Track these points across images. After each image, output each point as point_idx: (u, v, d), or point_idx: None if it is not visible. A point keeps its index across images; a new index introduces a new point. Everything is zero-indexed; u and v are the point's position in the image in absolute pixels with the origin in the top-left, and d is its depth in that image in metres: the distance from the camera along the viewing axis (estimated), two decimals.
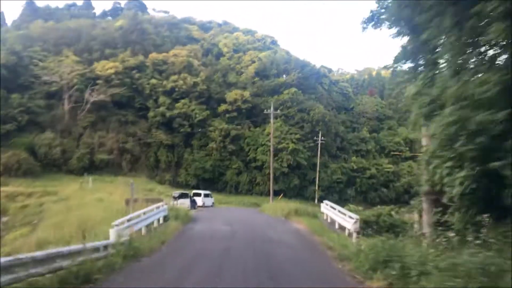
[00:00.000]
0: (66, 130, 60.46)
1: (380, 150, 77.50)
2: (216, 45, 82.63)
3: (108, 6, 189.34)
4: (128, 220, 14.65)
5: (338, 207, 20.33)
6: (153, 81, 67.68)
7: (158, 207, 19.93)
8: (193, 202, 41.62)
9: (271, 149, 49.24)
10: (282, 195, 64.38)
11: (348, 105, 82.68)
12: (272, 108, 50.50)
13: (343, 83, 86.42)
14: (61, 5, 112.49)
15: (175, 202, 34.33)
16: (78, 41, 69.21)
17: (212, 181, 65.94)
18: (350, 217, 16.67)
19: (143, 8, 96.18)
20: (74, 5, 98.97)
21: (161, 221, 19.97)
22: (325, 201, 23.91)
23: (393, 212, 16.55)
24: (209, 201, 49.12)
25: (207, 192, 50.54)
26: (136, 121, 65.91)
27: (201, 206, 46.38)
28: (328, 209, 22.56)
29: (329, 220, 22.17)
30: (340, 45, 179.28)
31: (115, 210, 19.38)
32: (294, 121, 69.78)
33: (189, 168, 64.68)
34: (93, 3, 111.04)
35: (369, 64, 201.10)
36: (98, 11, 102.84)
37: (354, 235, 15.40)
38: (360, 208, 23.21)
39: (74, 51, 67.01)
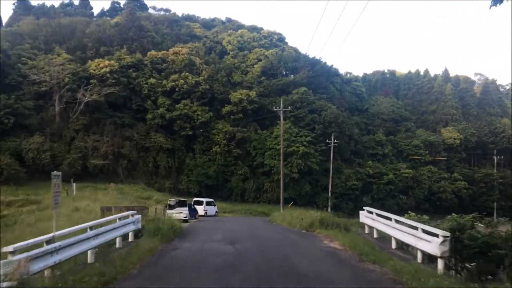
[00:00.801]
0: (56, 134, 56.56)
1: (398, 154, 73.03)
2: (220, 42, 78.79)
3: (106, 5, 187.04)
4: (48, 242, 9.07)
5: (394, 216, 15.29)
6: (152, 80, 63.76)
7: (127, 217, 14.98)
8: (193, 211, 37.44)
9: (281, 151, 44.96)
10: (292, 203, 60.22)
11: (361, 106, 78.36)
12: (281, 104, 46.20)
13: (356, 82, 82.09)
14: (56, 4, 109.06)
15: (171, 212, 30.04)
16: (71, 39, 65.54)
17: (216, 188, 61.68)
18: (427, 232, 11.35)
19: (143, 8, 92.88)
20: (71, 4, 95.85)
21: (130, 238, 15.15)
22: (367, 208, 18.87)
23: (480, 224, 11.44)
24: (212, 209, 44.96)
25: (210, 200, 46.37)
26: (133, 124, 61.90)
27: (203, 216, 42.30)
28: (374, 219, 17.37)
29: (375, 235, 17.14)
30: (348, 47, 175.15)
31: (84, 221, 14.85)
32: (304, 122, 65.50)
33: (191, 174, 60.47)
34: (91, 3, 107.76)
35: (379, 67, 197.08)
36: (96, 10, 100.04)
37: (440, 263, 10.35)
38: (426, 217, 16.71)
39: (66, 49, 63.36)
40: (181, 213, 30.50)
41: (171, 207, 31.00)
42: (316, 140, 64.34)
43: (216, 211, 46.68)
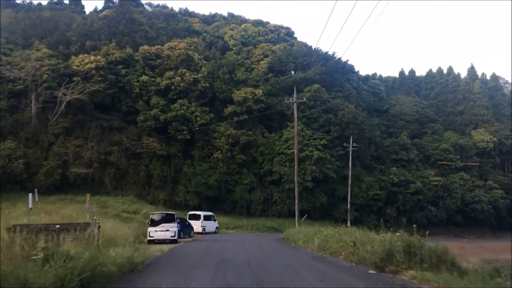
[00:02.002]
0: (32, 138, 50.52)
1: (424, 159, 66.09)
2: (221, 37, 72.70)
3: (99, 4, 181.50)
4: None
5: None
6: (144, 78, 57.52)
7: None
8: (187, 228, 30.91)
9: (296, 151, 38.19)
10: (305, 216, 53.58)
11: (380, 107, 71.70)
12: (295, 94, 39.46)
13: (374, 80, 75.50)
14: (44, 2, 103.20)
15: (153, 229, 23.38)
16: (53, 33, 59.52)
17: (218, 200, 55.06)
18: None
19: (138, 6, 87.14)
20: (60, 3, 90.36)
21: None
22: None
23: None
24: (211, 225, 38.39)
25: (209, 213, 39.89)
26: (122, 127, 55.55)
27: (200, 233, 35.58)
28: None
29: None
30: (361, 49, 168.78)
31: None
32: (318, 124, 58.93)
33: (188, 184, 53.81)
34: (83, 1, 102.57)
35: (394, 70, 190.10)
36: (88, 9, 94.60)
37: None
38: None
39: (47, 43, 57.42)
40: (167, 231, 23.88)
41: (154, 223, 24.28)
42: (332, 144, 57.67)
43: (217, 227, 40.12)
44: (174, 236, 23.91)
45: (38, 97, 50.98)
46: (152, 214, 25.48)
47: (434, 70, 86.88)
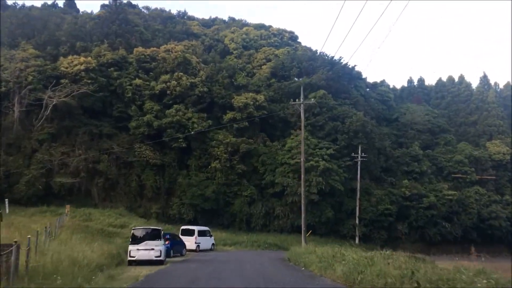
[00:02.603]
0: (14, 144, 47.19)
1: (437, 172, 62.30)
2: (221, 41, 69.72)
3: (96, 8, 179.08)
4: None
5: None
6: (137, 81, 54.32)
7: None
8: (178, 245, 27.33)
9: (302, 159, 34.78)
10: (310, 232, 50.00)
11: (390, 115, 68.30)
12: (302, 95, 36.03)
13: (382, 87, 72.20)
14: (38, 4, 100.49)
15: (135, 249, 19.77)
16: (41, 33, 56.41)
17: (216, 213, 51.44)
18: None
19: (134, 8, 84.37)
20: (54, 5, 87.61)
21: None
22: None
23: None
24: (206, 242, 34.80)
25: (204, 228, 36.33)
26: (113, 134, 52.15)
27: (194, 251, 31.94)
28: None
29: None
30: (367, 57, 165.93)
31: None
32: (324, 132, 55.45)
33: (184, 196, 50.25)
34: (78, 4, 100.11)
35: (403, 76, 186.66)
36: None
37: None
38: None
39: (35, 44, 54.23)
40: (152, 249, 20.22)
41: (136, 240, 20.59)
42: (339, 154, 54.15)
43: (213, 244, 36.47)
44: (160, 256, 20.27)
45: (22, 100, 47.60)
46: (134, 229, 21.68)
47: (444, 79, 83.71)
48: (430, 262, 16.32)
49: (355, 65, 66.99)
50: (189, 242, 32.64)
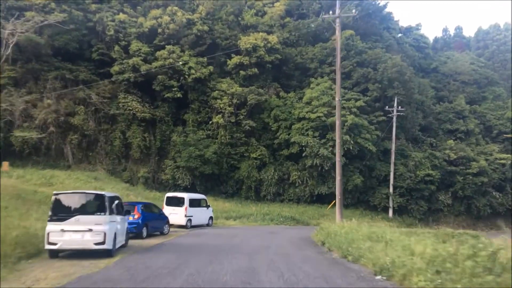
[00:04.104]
0: None
1: (485, 131, 53.03)
2: None
3: None
4: None
5: None
6: (122, 16, 45.14)
7: None
8: (159, 220, 18.86)
9: (338, 98, 25.80)
10: (333, 202, 41.56)
11: (427, 65, 58.52)
12: (338, 5, 26.61)
13: (417, 31, 62.22)
14: None
15: (58, 230, 11.28)
16: None
17: (218, 180, 43.38)
18: None
19: None
20: None
21: None
22: None
23: None
24: (201, 214, 26.35)
25: (198, 196, 28.05)
26: (91, 81, 43.34)
27: (184, 227, 23.52)
28: None
29: None
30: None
31: None
32: (351, 81, 46.39)
33: (179, 158, 41.79)
34: None
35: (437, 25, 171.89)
36: None
37: None
38: None
39: None
40: (88, 231, 11.59)
41: (61, 214, 11.79)
42: (369, 107, 45.09)
43: (211, 217, 28.03)
44: (103, 243, 11.69)
45: None
46: (56, 194, 12.67)
47: (485, 28, 73.29)
48: None
49: (386, 3, 56.73)
50: (177, 215, 24.37)
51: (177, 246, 15.96)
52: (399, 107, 44.10)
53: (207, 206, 27.32)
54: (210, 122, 44.60)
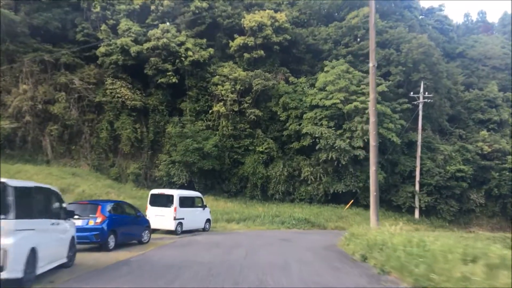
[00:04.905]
0: None
1: None
2: None
3: None
4: None
5: None
6: None
7: None
8: (132, 226, 13.88)
9: (371, 72, 20.43)
10: (352, 201, 36.85)
11: (452, 49, 53.26)
12: None
13: (440, 12, 57.04)
14: None
15: None
16: None
17: (219, 177, 38.60)
18: None
19: None
20: None
21: None
22: None
23: None
24: (195, 216, 21.37)
25: (191, 194, 23.17)
26: (75, 65, 38.57)
27: (174, 232, 18.54)
28: None
29: None
30: None
31: None
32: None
33: (174, 152, 36.78)
34: None
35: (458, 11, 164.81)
36: None
37: None
38: None
39: None
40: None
41: None
42: (392, 94, 39.93)
43: (209, 220, 22.94)
44: (1, 269, 6.78)
45: None
46: None
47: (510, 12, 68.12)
48: None
49: None
50: (164, 218, 19.48)
51: (146, 266, 10.95)
52: (426, 92, 39.04)
53: (203, 206, 22.36)
54: (210, 111, 39.68)
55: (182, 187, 34.45)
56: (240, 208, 32.59)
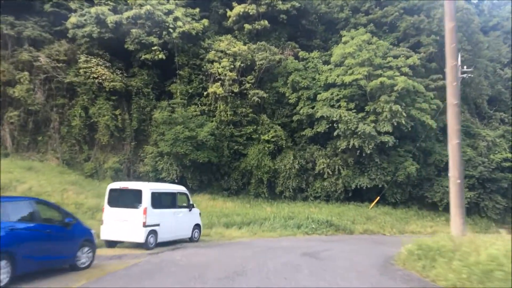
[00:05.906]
0: None
1: None
2: None
3: None
4: None
5: None
6: None
7: None
8: (65, 242, 7.76)
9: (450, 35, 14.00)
10: (378, 198, 30.56)
11: (485, 22, 46.96)
12: None
13: None
14: None
15: None
16: None
17: (217, 171, 32.71)
18: None
19: None
20: None
21: None
22: None
23: None
24: (177, 222, 14.88)
25: (171, 189, 16.67)
26: (42, 40, 32.28)
27: (143, 245, 11.75)
28: None
29: None
30: None
31: None
32: (398, 33, 35.20)
33: (162, 143, 30.46)
34: None
35: None
36: None
37: None
38: None
39: None
40: None
41: None
42: (423, 68, 33.66)
43: (198, 226, 16.43)
44: None
45: None
46: None
47: None
48: None
49: None
50: (127, 225, 13.17)
51: None
52: (464, 66, 32.70)
53: (190, 206, 16.09)
54: (205, 93, 33.41)
55: (173, 182, 28.24)
56: (243, 209, 26.42)
